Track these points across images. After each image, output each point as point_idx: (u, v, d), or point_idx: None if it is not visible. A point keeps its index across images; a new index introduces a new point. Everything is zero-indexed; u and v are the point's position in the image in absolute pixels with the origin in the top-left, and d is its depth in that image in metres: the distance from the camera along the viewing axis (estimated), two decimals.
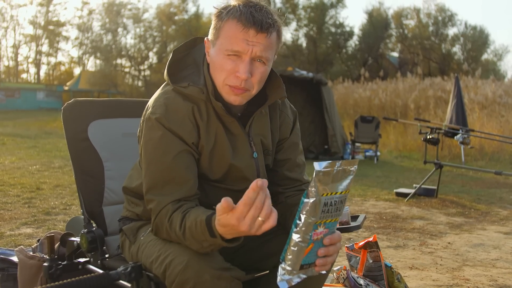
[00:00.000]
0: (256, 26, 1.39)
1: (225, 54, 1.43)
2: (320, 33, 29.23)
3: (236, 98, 1.47)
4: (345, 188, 1.22)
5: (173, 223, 1.40)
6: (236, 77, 1.43)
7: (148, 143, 1.47)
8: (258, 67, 1.44)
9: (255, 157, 1.58)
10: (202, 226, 1.30)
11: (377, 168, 8.90)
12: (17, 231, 3.85)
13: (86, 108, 1.97)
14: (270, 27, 1.41)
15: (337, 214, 1.24)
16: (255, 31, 1.39)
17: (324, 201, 1.20)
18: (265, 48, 1.42)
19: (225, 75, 1.44)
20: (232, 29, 1.41)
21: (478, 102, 12.99)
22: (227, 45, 1.41)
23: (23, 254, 2.06)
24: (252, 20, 1.39)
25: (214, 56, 1.46)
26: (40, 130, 15.29)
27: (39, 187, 5.74)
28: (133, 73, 36.25)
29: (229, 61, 1.43)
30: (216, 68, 1.46)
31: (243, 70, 1.41)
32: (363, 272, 2.52)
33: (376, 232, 4.19)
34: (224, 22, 1.42)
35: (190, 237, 1.34)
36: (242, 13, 1.39)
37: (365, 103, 15.86)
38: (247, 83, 1.44)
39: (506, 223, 4.70)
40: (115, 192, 1.93)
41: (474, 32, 28.72)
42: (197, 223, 1.32)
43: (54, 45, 43.92)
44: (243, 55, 1.41)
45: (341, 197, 1.22)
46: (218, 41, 1.44)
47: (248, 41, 1.40)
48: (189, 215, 1.37)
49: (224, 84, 1.46)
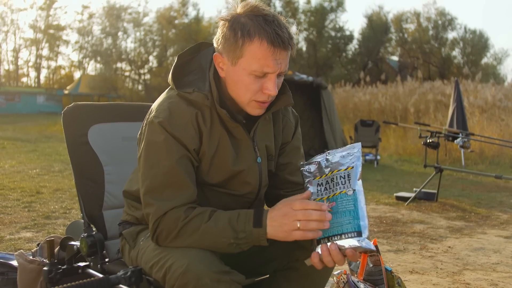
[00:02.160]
0: (284, 45, 1.40)
1: (251, 74, 1.42)
2: (320, 37, 29.26)
3: (261, 110, 1.50)
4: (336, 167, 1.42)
5: (195, 220, 1.40)
6: (264, 93, 1.44)
7: (150, 146, 1.47)
8: (279, 79, 1.48)
9: (258, 161, 1.58)
10: (248, 215, 1.39)
11: (377, 172, 8.89)
12: (17, 235, 3.85)
13: (86, 112, 1.98)
14: (292, 42, 1.43)
15: (338, 188, 1.39)
16: (281, 50, 1.40)
17: (317, 183, 1.43)
18: (288, 61, 1.45)
19: (252, 94, 1.45)
20: (261, 52, 1.39)
21: (478, 106, 12.99)
22: (256, 66, 1.41)
23: (23, 258, 2.05)
24: (280, 41, 1.39)
25: (235, 75, 1.45)
26: (40, 134, 15.29)
27: (39, 191, 5.74)
28: (133, 77, 36.27)
29: (255, 81, 1.43)
30: (239, 87, 1.46)
31: (273, 88, 1.43)
32: (364, 277, 2.51)
33: (377, 236, 4.19)
34: (248, 42, 1.40)
35: (227, 225, 1.38)
36: (269, 34, 1.38)
37: (365, 107, 15.86)
38: (273, 95, 1.47)
39: (507, 227, 4.69)
40: (115, 196, 1.92)
41: (474, 36, 28.76)
42: (240, 214, 1.40)
43: (54, 49, 44.04)
44: (270, 74, 1.43)
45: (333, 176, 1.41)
46: (242, 60, 1.42)
47: (277, 61, 1.41)
48: (222, 211, 1.43)
49: (251, 101, 1.46)
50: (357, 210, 1.34)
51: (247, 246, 1.41)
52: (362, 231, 1.32)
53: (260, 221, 1.36)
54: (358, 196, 1.36)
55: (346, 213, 1.35)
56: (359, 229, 1.32)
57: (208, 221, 1.39)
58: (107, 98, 32.57)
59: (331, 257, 1.35)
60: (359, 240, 1.32)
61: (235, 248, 1.40)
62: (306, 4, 29.83)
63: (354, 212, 1.34)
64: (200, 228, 1.39)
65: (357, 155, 1.42)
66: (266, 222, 1.36)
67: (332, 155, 1.46)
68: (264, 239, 1.37)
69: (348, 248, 1.34)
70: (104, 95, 33.04)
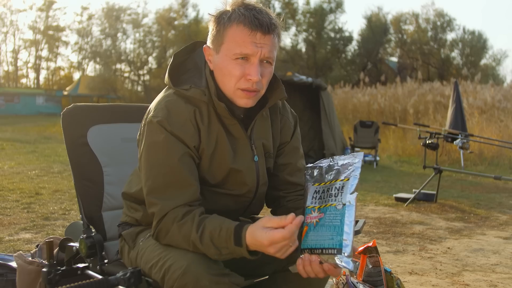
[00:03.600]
0: (262, 28, 1.41)
1: (232, 59, 1.43)
2: (319, 38, 29.31)
3: (248, 101, 1.48)
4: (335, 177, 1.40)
5: (186, 226, 1.40)
6: (247, 80, 1.44)
7: (150, 146, 1.47)
8: (266, 68, 1.47)
9: (255, 160, 1.57)
10: (229, 233, 1.34)
11: (377, 173, 8.89)
12: (16, 236, 3.84)
13: (86, 113, 1.97)
14: (275, 28, 1.45)
15: (330, 200, 1.36)
16: (262, 33, 1.41)
17: (315, 190, 1.42)
18: (271, 48, 1.45)
19: (235, 80, 1.45)
20: (238, 33, 1.42)
21: (477, 107, 13.00)
22: (235, 49, 1.42)
23: (22, 260, 2.05)
24: (258, 23, 1.41)
25: (220, 62, 1.47)
26: (40, 135, 15.29)
27: (38, 192, 5.74)
28: (132, 78, 36.33)
29: (237, 66, 1.43)
30: (224, 74, 1.47)
31: (254, 72, 1.43)
32: (363, 277, 2.52)
33: (376, 237, 4.19)
34: (228, 27, 1.43)
35: (209, 242, 1.36)
36: (246, 17, 1.41)
37: (364, 108, 15.87)
38: (258, 84, 1.46)
39: (506, 228, 4.70)
40: (114, 197, 1.92)
41: (473, 37, 28.83)
42: (222, 229, 1.35)
43: (54, 50, 44.07)
44: (252, 57, 1.43)
45: (331, 186, 1.39)
46: (223, 46, 1.45)
47: (256, 44, 1.42)
48: (210, 221, 1.39)
49: (236, 89, 1.46)
50: (342, 226, 1.30)
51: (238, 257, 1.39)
52: (343, 249, 1.28)
53: (240, 240, 1.33)
54: (347, 211, 1.31)
55: (331, 227, 1.32)
56: (340, 246, 1.29)
57: (196, 233, 1.38)
58: (107, 99, 32.59)
59: (311, 268, 1.35)
60: (338, 258, 1.28)
61: (225, 257, 1.39)
62: (306, 5, 29.93)
63: (339, 228, 1.30)
64: (190, 236, 1.39)
65: (356, 165, 1.40)
66: (245, 242, 1.32)
67: (335, 162, 1.45)
68: (247, 255, 1.34)
69: (326, 264, 1.32)
70: (104, 96, 33.05)
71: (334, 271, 1.33)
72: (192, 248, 1.40)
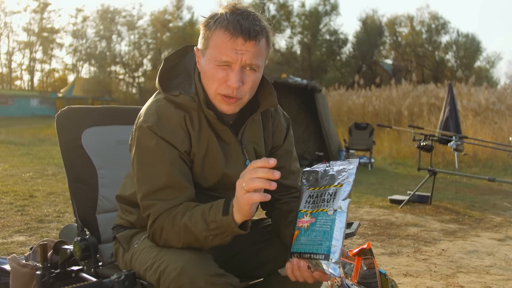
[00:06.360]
0: (244, 34, 1.38)
1: (215, 64, 1.42)
2: (314, 40, 29.38)
3: (229, 107, 1.47)
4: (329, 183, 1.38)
5: (178, 216, 1.40)
6: (228, 86, 1.43)
7: (142, 151, 1.47)
8: (249, 75, 1.44)
9: (247, 164, 1.57)
10: (219, 204, 1.35)
11: (371, 175, 8.91)
12: (9, 239, 3.83)
13: (80, 116, 1.97)
14: (258, 34, 1.41)
15: (322, 205, 1.35)
16: (243, 40, 1.39)
17: (309, 194, 1.41)
18: (255, 55, 1.42)
19: (217, 85, 1.44)
20: (220, 39, 1.40)
21: (472, 109, 13.06)
22: (216, 56, 1.41)
23: (16, 262, 2.04)
24: (240, 29, 1.38)
25: (204, 66, 1.46)
26: (34, 137, 15.22)
27: (32, 194, 5.71)
28: (127, 80, 36.28)
29: (219, 70, 1.43)
30: (207, 78, 1.46)
31: (233, 79, 1.41)
32: (357, 280, 2.52)
33: (370, 239, 4.19)
34: (212, 32, 1.42)
35: (199, 217, 1.36)
36: (229, 22, 1.39)
37: (359, 110, 15.90)
38: (239, 91, 1.44)
39: (500, 229, 4.72)
40: (108, 200, 1.92)
41: (467, 40, 28.99)
42: (213, 204, 1.37)
43: (48, 52, 43.94)
44: (232, 64, 1.41)
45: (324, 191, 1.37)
46: (208, 51, 1.44)
47: (237, 50, 1.39)
48: (198, 206, 1.41)
49: (216, 94, 1.45)
50: (332, 232, 1.29)
51: (225, 237, 1.37)
52: (331, 255, 1.27)
53: (228, 209, 1.32)
54: (338, 217, 1.30)
55: (321, 233, 1.31)
56: (328, 252, 1.28)
57: (185, 216, 1.39)
58: (101, 101, 32.49)
59: (300, 273, 1.34)
60: (325, 264, 1.28)
61: (213, 240, 1.37)
62: (301, 7, 29.98)
63: (328, 234, 1.30)
64: (181, 223, 1.39)
65: (351, 172, 1.38)
66: (232, 210, 1.32)
67: (331, 168, 1.44)
68: (235, 226, 1.32)
69: (314, 269, 1.32)
70: (98, 98, 32.95)
71: (323, 277, 1.32)
72: (185, 237, 1.39)
